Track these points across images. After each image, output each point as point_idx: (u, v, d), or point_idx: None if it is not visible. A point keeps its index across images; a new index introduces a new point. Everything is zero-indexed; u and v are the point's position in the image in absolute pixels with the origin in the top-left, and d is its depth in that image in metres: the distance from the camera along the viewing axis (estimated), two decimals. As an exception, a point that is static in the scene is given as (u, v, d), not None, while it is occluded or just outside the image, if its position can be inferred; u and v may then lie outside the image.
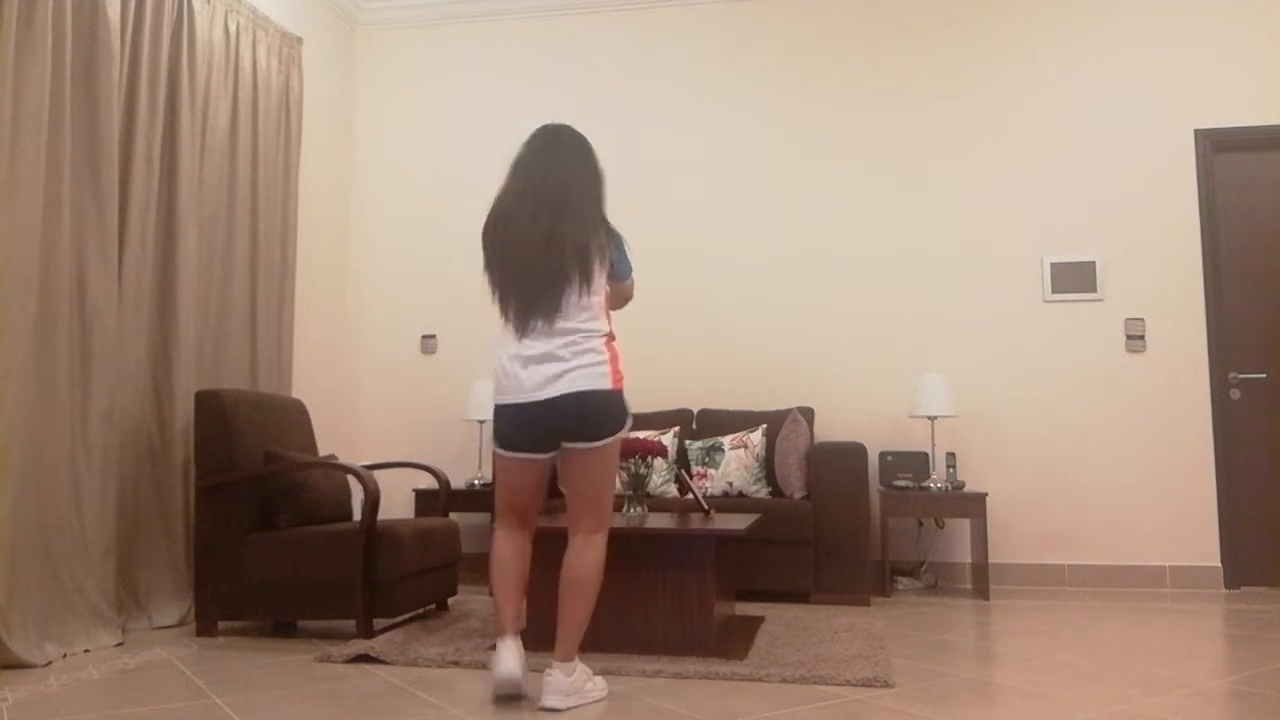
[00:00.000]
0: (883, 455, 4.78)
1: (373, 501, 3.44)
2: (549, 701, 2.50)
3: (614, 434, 2.59)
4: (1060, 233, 5.02)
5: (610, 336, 2.65)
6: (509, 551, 2.66)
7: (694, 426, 4.95)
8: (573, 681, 2.53)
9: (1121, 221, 4.97)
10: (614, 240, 2.70)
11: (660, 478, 4.62)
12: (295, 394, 4.78)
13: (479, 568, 5.07)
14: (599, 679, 2.65)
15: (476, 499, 4.95)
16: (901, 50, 5.24)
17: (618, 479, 2.60)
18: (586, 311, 2.59)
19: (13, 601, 3.04)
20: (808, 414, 4.82)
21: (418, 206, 5.64)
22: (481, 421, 5.20)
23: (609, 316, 2.69)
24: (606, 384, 2.56)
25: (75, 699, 2.63)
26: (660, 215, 5.31)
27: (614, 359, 2.61)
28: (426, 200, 5.63)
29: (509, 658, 2.52)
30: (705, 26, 5.44)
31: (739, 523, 3.41)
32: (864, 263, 5.16)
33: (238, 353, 4.35)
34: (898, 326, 5.09)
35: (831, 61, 5.30)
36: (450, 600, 4.18)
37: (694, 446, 4.73)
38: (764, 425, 4.76)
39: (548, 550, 3.12)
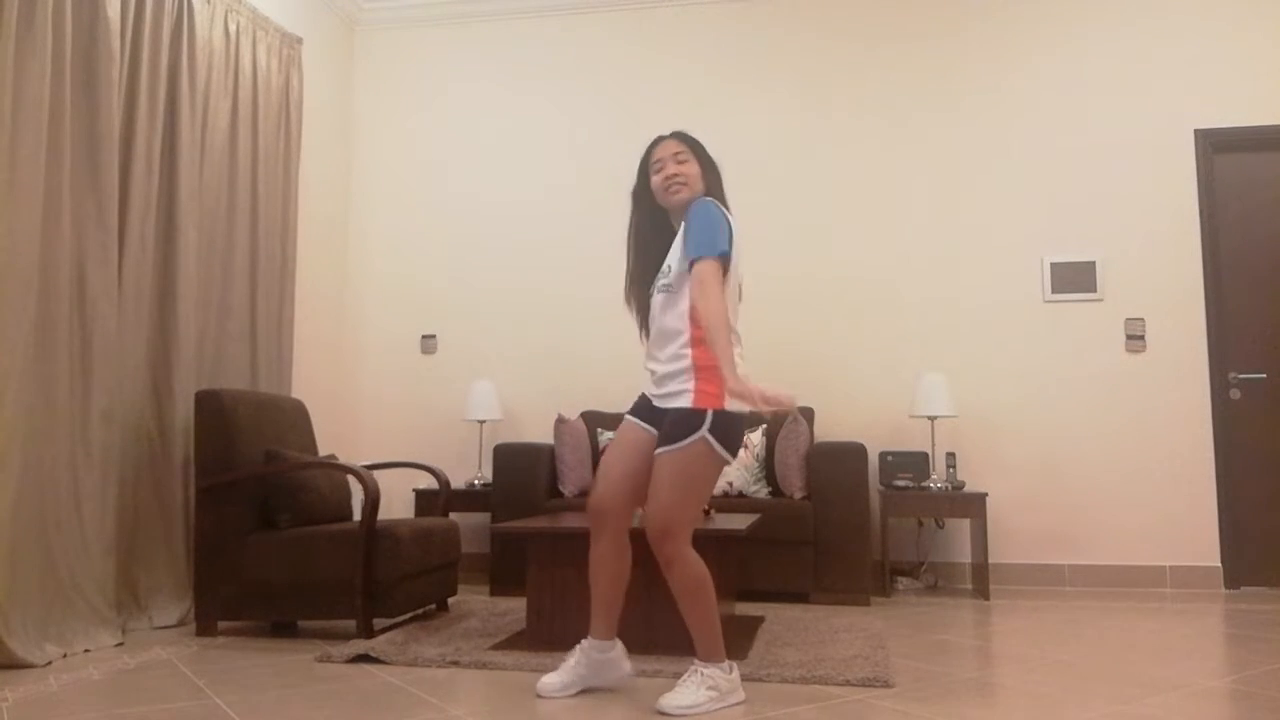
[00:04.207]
0: (883, 455, 4.78)
1: (373, 501, 3.44)
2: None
3: None
4: (1060, 233, 5.01)
5: None
6: None
7: (694, 426, 4.94)
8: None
9: (1121, 221, 4.97)
10: None
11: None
12: (295, 394, 4.78)
13: (479, 568, 5.07)
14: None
15: (476, 499, 4.95)
16: (901, 52, 5.24)
17: None
18: None
19: (13, 601, 3.04)
20: (808, 414, 4.82)
21: (418, 206, 5.63)
22: (482, 422, 5.20)
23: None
24: None
25: (75, 699, 2.63)
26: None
27: None
28: (426, 200, 5.63)
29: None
30: (707, 27, 5.44)
31: (739, 523, 3.41)
32: (864, 262, 5.16)
33: (238, 353, 4.35)
34: (898, 326, 5.09)
35: (831, 64, 5.30)
36: (450, 600, 4.18)
37: (694, 446, 4.72)
38: (764, 425, 4.76)
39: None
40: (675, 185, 2.68)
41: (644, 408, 2.71)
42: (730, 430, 2.56)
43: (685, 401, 2.55)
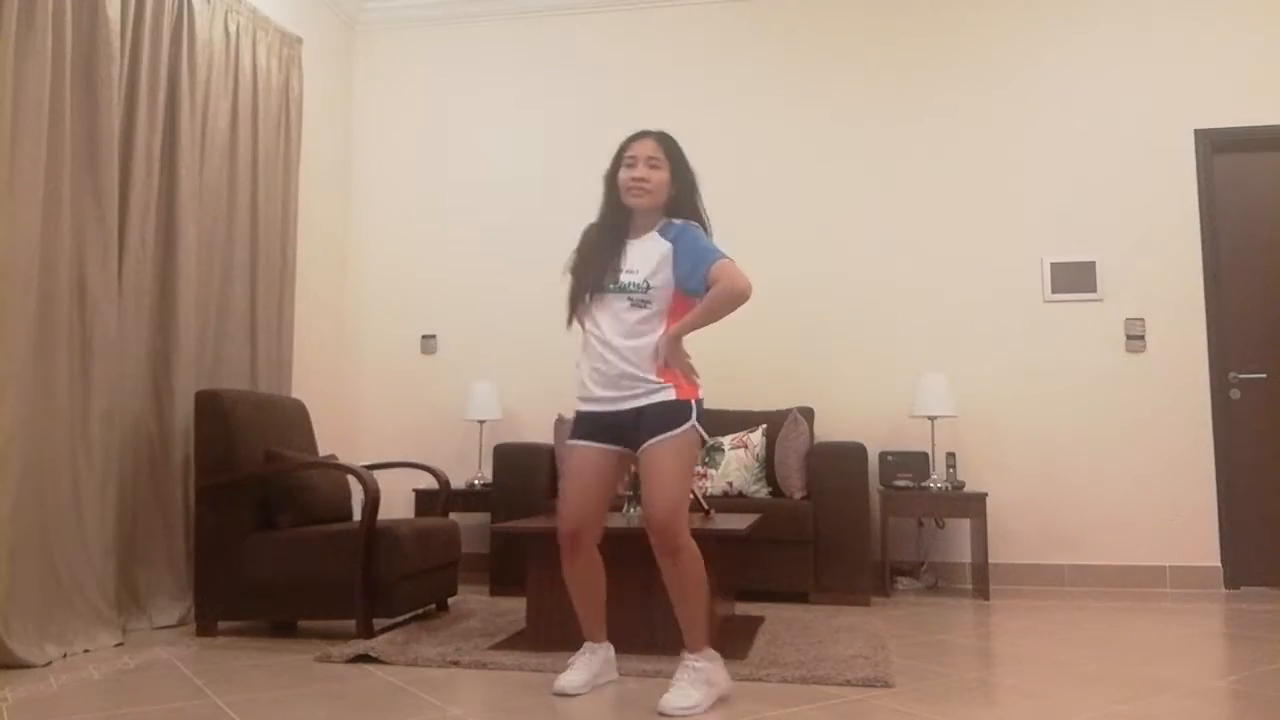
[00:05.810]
0: (883, 455, 4.78)
1: (373, 501, 3.44)
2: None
3: None
4: (1060, 233, 5.01)
5: None
6: None
7: (694, 426, 4.94)
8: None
9: (1121, 221, 4.97)
10: None
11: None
12: (295, 394, 4.77)
13: (479, 568, 5.06)
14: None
15: (476, 499, 4.95)
16: (901, 52, 5.24)
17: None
18: None
19: (13, 601, 3.04)
20: (808, 414, 4.82)
21: (418, 206, 5.63)
22: (482, 422, 5.20)
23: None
24: None
25: (75, 699, 2.63)
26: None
27: None
28: (426, 200, 5.62)
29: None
30: (707, 27, 5.44)
31: (739, 523, 3.41)
32: (864, 262, 5.15)
33: (238, 353, 4.35)
34: (898, 326, 5.09)
35: (831, 63, 5.30)
36: (450, 600, 4.18)
37: (694, 446, 4.72)
38: (764, 425, 4.76)
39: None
40: (638, 189, 2.66)
41: (595, 428, 2.70)
42: (703, 419, 2.69)
43: (669, 395, 2.63)
